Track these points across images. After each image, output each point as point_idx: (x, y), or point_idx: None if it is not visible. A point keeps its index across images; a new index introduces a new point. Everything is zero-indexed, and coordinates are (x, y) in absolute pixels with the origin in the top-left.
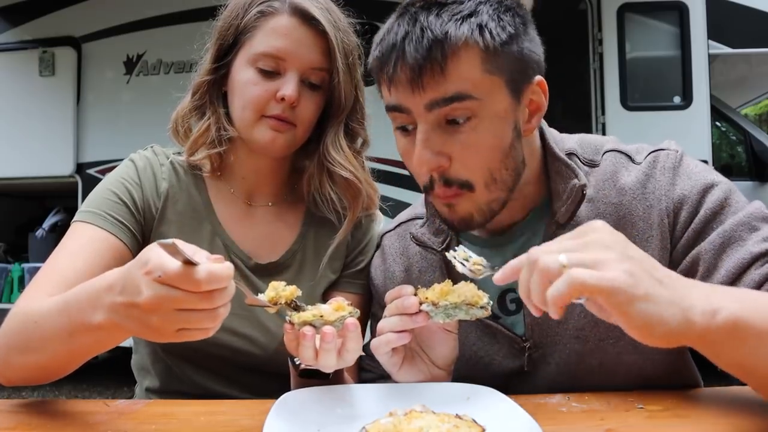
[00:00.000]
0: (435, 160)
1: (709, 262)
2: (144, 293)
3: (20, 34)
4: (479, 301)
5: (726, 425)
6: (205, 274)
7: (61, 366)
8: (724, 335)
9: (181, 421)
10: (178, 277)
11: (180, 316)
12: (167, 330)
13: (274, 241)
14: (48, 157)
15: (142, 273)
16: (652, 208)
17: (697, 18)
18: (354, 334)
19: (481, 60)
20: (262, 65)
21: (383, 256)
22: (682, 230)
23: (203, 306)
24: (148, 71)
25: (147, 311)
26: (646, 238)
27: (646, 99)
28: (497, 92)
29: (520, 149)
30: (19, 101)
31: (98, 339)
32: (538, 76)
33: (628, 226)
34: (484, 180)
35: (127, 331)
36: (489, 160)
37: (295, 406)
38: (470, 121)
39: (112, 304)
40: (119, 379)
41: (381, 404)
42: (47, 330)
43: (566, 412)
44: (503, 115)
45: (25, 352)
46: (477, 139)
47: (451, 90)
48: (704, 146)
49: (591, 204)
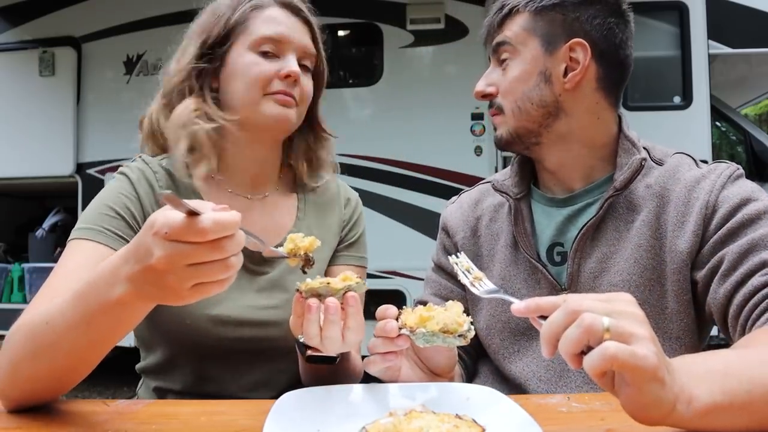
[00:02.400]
0: (483, 88)
1: (731, 263)
2: (155, 254)
3: (20, 34)
4: (458, 328)
5: None
6: (210, 223)
7: (76, 367)
8: (698, 421)
9: (181, 421)
10: (183, 229)
11: (193, 272)
12: (183, 288)
13: (275, 230)
14: (48, 157)
15: (150, 235)
16: (697, 199)
17: (697, 18)
18: (353, 309)
19: (525, 20)
20: (263, 48)
21: (460, 204)
22: (716, 227)
23: (213, 257)
24: (148, 71)
25: (162, 272)
26: (682, 222)
27: (646, 99)
28: (529, 42)
29: (548, 92)
30: (19, 101)
31: (119, 318)
32: (575, 38)
33: (668, 206)
34: (511, 107)
35: (147, 298)
36: (515, 91)
37: (295, 406)
38: (507, 61)
39: (129, 274)
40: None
41: (381, 404)
42: (61, 326)
43: (566, 412)
44: (531, 61)
45: (36, 357)
46: (509, 75)
47: (499, 38)
48: (704, 146)
49: (649, 188)
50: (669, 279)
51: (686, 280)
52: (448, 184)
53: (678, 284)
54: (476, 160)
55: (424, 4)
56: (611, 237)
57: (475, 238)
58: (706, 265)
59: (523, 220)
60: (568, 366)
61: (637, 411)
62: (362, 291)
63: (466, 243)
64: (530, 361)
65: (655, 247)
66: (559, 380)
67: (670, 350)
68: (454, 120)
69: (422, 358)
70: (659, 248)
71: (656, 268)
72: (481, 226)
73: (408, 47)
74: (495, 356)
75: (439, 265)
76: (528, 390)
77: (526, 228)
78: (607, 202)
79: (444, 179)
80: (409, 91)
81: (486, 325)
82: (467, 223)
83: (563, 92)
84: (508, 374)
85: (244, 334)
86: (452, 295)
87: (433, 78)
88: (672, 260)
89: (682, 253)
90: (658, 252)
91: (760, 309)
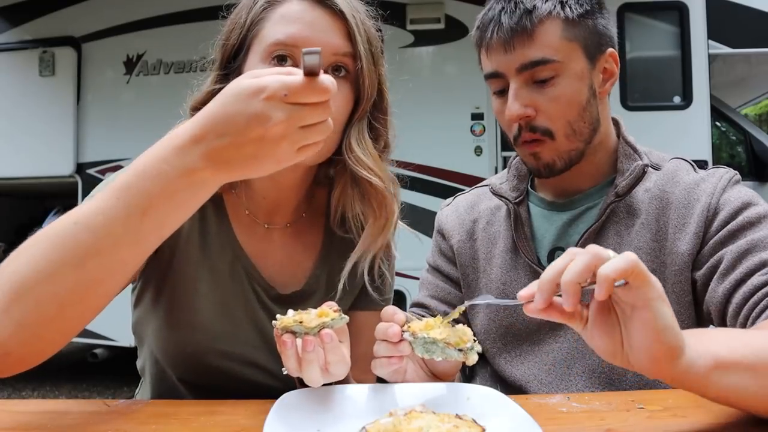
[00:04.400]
0: (523, 110)
1: (730, 262)
2: (274, 118)
3: (20, 34)
4: (461, 343)
5: (726, 425)
6: (330, 81)
7: (106, 278)
8: (707, 374)
9: (181, 421)
10: (306, 90)
11: (303, 133)
12: (290, 153)
13: (293, 268)
14: (48, 157)
15: (260, 101)
16: (698, 201)
17: (697, 18)
18: (330, 345)
19: (561, 29)
20: (277, 54)
21: (455, 206)
22: (717, 229)
23: (323, 117)
24: (148, 71)
25: (277, 138)
26: (683, 224)
27: (646, 99)
28: (575, 56)
29: (595, 107)
30: (19, 101)
31: (185, 200)
32: (610, 48)
33: (670, 209)
34: (564, 130)
35: (227, 173)
36: (568, 112)
37: (295, 406)
38: (553, 79)
39: (209, 152)
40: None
41: (381, 404)
42: (101, 223)
43: (566, 412)
44: (580, 75)
45: (56, 271)
46: (559, 94)
47: (538, 55)
48: (704, 146)
49: (648, 191)
50: (669, 281)
51: (687, 282)
52: (448, 184)
53: (679, 286)
54: (476, 160)
55: (424, 4)
56: (612, 241)
57: (471, 241)
58: (705, 264)
59: (523, 224)
60: (569, 369)
61: (653, 344)
62: (340, 326)
63: (462, 246)
64: (531, 365)
65: (655, 249)
66: (560, 383)
67: None
68: (454, 120)
69: (426, 360)
70: (659, 250)
71: (656, 270)
72: (477, 229)
73: (408, 47)
74: (494, 360)
75: (435, 267)
76: (528, 393)
77: (526, 233)
78: (609, 208)
79: (444, 179)
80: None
81: (485, 329)
82: (463, 226)
83: (599, 103)
84: (508, 377)
85: (245, 373)
86: (449, 297)
87: (433, 78)
88: (673, 262)
89: (684, 254)
90: (658, 254)
91: (761, 307)
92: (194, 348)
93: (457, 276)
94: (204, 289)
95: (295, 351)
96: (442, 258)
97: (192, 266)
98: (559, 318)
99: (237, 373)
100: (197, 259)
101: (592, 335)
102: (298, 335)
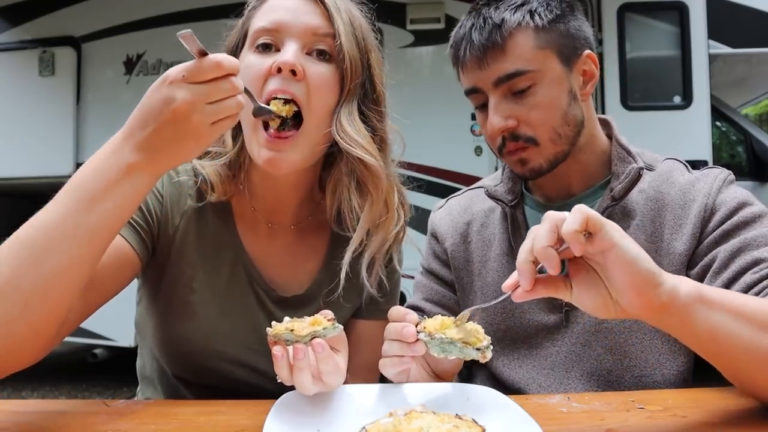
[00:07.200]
0: (504, 123)
1: (723, 261)
2: (177, 98)
3: (20, 34)
4: (477, 342)
5: (725, 425)
6: (222, 57)
7: (65, 277)
8: (691, 304)
9: (181, 421)
10: (199, 67)
11: (213, 108)
12: (204, 127)
13: (296, 270)
14: (48, 157)
15: (166, 86)
16: (694, 201)
17: (697, 18)
18: (322, 355)
19: (533, 38)
20: (261, 41)
21: (448, 209)
22: (713, 228)
23: (228, 92)
24: (148, 71)
25: (185, 114)
26: (680, 225)
27: (646, 99)
28: (550, 62)
29: (578, 109)
30: (19, 101)
31: (124, 196)
32: (587, 50)
33: (666, 211)
34: (549, 135)
35: (161, 162)
36: (550, 119)
37: (295, 406)
38: (531, 88)
39: (138, 144)
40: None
41: (381, 404)
42: (52, 222)
43: (566, 412)
44: (558, 81)
45: (17, 275)
46: (538, 102)
47: (512, 68)
48: (704, 146)
49: (642, 192)
50: None
51: None
52: (448, 184)
53: None
54: (476, 160)
55: (424, 4)
56: None
57: (465, 244)
58: (699, 263)
59: (520, 227)
60: (568, 373)
61: (630, 276)
62: (333, 335)
63: (455, 249)
64: (529, 368)
65: (651, 251)
66: (558, 387)
67: (669, 352)
68: (454, 120)
69: (429, 360)
70: (654, 252)
71: None
72: (471, 232)
73: (408, 47)
74: (492, 363)
75: (430, 270)
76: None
77: (523, 235)
78: (605, 213)
79: (444, 179)
80: (408, 91)
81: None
82: (456, 229)
83: (583, 104)
84: (506, 381)
85: (241, 375)
86: (444, 300)
87: (433, 78)
88: (669, 262)
89: (680, 254)
90: (654, 255)
91: None
92: (189, 347)
93: (452, 279)
94: (200, 289)
95: (287, 360)
96: (436, 261)
97: (188, 267)
98: (547, 292)
99: (233, 374)
100: (194, 259)
101: (580, 297)
102: (290, 343)
